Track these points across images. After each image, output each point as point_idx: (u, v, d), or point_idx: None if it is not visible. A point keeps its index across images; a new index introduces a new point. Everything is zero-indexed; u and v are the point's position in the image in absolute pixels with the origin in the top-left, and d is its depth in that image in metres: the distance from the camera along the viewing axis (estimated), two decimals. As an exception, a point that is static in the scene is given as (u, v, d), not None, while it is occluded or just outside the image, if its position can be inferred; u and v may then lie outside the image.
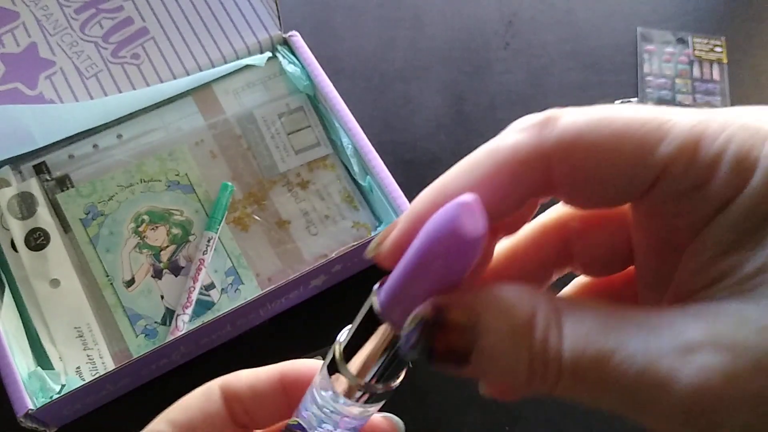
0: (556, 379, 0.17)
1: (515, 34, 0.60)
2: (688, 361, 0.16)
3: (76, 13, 0.52)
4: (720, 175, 0.17)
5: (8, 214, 0.46)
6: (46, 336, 0.44)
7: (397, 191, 0.46)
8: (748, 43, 0.60)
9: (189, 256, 0.47)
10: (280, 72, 0.52)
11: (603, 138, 0.18)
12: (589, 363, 0.16)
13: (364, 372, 0.20)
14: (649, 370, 0.16)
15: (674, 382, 0.16)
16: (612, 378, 0.16)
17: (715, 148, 0.17)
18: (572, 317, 0.17)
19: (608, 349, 0.16)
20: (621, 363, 0.16)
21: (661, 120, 0.17)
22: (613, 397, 0.17)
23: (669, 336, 0.16)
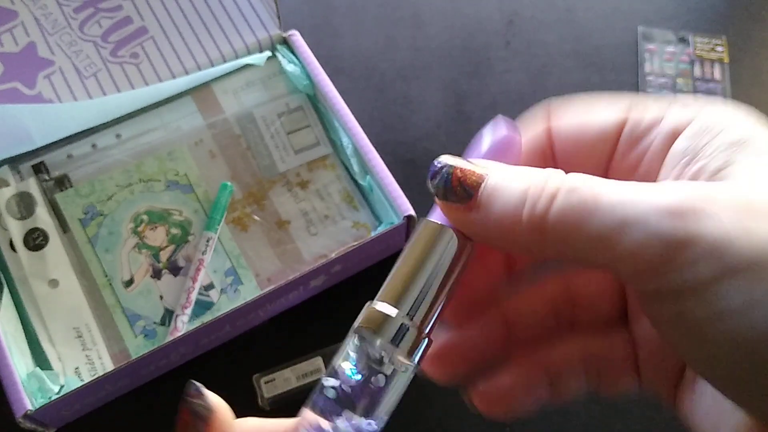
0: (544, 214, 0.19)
1: (515, 33, 0.60)
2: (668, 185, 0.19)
3: (75, 12, 0.52)
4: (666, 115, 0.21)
5: (7, 214, 0.46)
6: (44, 336, 0.44)
7: (397, 191, 0.45)
8: (750, 43, 0.60)
9: (188, 256, 0.47)
10: (279, 71, 0.52)
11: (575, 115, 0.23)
12: (586, 192, 0.19)
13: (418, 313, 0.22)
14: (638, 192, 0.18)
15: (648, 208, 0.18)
16: (601, 207, 0.18)
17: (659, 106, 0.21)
18: (565, 176, 0.20)
19: (601, 185, 0.19)
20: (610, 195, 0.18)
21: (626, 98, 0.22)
22: (593, 232, 0.18)
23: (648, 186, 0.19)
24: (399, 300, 0.22)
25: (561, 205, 0.19)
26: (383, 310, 0.22)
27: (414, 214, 0.45)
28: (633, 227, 0.18)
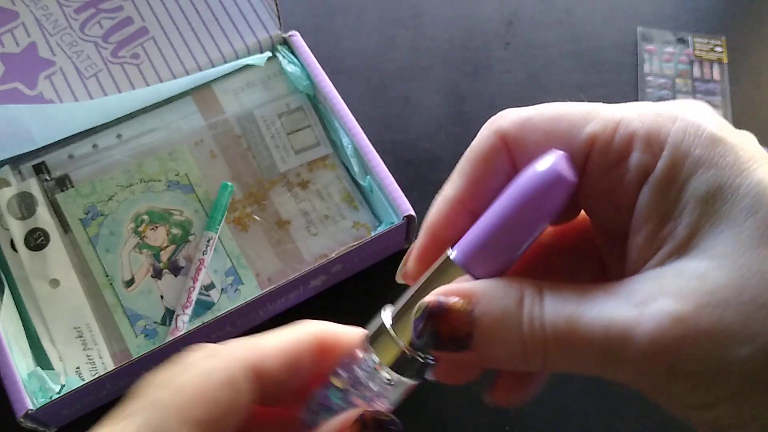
0: (544, 350, 0.20)
1: (515, 33, 0.60)
2: (642, 312, 0.18)
3: (76, 12, 0.52)
4: (635, 148, 0.20)
5: (8, 214, 0.46)
6: (45, 336, 0.44)
7: (397, 191, 0.46)
8: (749, 43, 0.60)
9: (189, 256, 0.47)
10: (280, 72, 0.52)
11: (541, 123, 0.22)
12: (564, 328, 0.19)
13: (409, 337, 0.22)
14: (611, 325, 0.19)
15: (633, 331, 0.18)
16: (584, 338, 0.19)
17: (632, 125, 0.21)
18: (551, 294, 0.20)
19: (578, 313, 0.19)
20: (588, 323, 0.19)
21: (589, 108, 0.22)
22: (590, 358, 0.19)
23: (626, 295, 0.19)
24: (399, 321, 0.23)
25: (554, 337, 0.20)
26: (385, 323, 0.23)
27: (414, 214, 0.45)
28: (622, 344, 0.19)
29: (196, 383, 0.21)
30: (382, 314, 0.23)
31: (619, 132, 0.21)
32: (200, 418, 0.21)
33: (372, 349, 0.23)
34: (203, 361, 0.22)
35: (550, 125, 0.22)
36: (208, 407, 0.21)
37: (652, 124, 0.20)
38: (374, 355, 0.23)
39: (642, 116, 0.21)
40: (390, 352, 0.22)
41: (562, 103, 0.22)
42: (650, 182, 0.20)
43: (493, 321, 0.20)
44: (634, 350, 0.18)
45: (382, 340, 0.23)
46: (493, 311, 0.20)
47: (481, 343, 0.21)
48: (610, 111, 0.21)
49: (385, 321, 0.23)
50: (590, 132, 0.21)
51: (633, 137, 0.20)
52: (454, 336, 0.21)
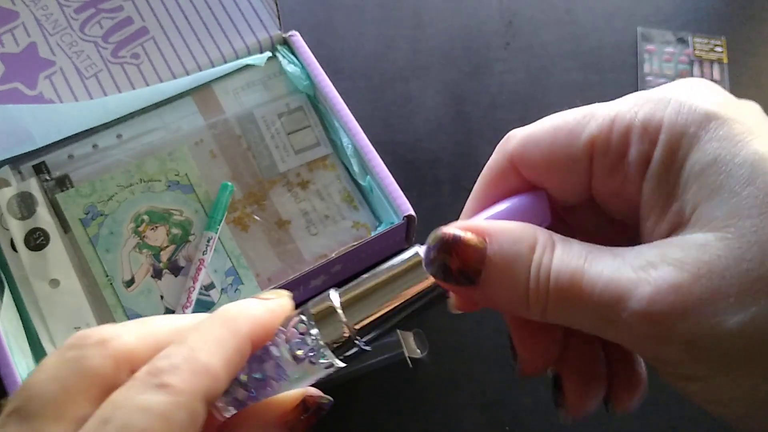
0: (545, 299, 0.20)
1: (515, 34, 0.60)
2: (642, 276, 0.19)
3: (76, 12, 0.52)
4: (633, 140, 0.21)
5: (8, 214, 0.46)
6: (45, 336, 0.44)
7: (397, 191, 0.46)
8: (749, 43, 0.60)
9: (189, 256, 0.47)
10: (280, 72, 0.52)
11: (542, 136, 0.23)
12: (566, 281, 0.20)
13: (358, 324, 0.23)
14: (611, 284, 0.19)
15: (631, 293, 0.19)
16: (584, 294, 0.19)
17: (626, 119, 0.21)
18: (562, 247, 0.21)
19: (582, 268, 0.20)
20: (590, 279, 0.19)
21: (585, 112, 0.22)
22: (587, 314, 0.20)
23: (630, 257, 0.20)
24: (351, 304, 0.23)
25: (556, 288, 0.20)
26: (334, 304, 0.23)
27: (414, 214, 0.45)
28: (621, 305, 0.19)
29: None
30: (331, 295, 0.24)
31: (615, 129, 0.21)
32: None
33: (314, 326, 0.23)
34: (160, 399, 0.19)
35: (550, 137, 0.22)
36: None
37: (646, 113, 0.21)
38: (316, 330, 0.23)
39: (635, 106, 0.21)
40: (332, 332, 0.23)
41: (561, 113, 0.23)
42: (651, 170, 0.20)
43: (504, 262, 0.21)
44: (628, 312, 0.19)
45: (327, 320, 0.23)
46: (505, 252, 0.21)
47: (488, 282, 0.21)
48: (605, 110, 0.22)
49: (334, 301, 0.23)
50: (588, 136, 0.21)
51: (629, 130, 0.21)
52: (464, 270, 0.21)
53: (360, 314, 0.23)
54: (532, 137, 0.23)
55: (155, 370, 0.19)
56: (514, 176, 0.24)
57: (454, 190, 0.53)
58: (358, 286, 0.24)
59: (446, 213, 0.52)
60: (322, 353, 0.23)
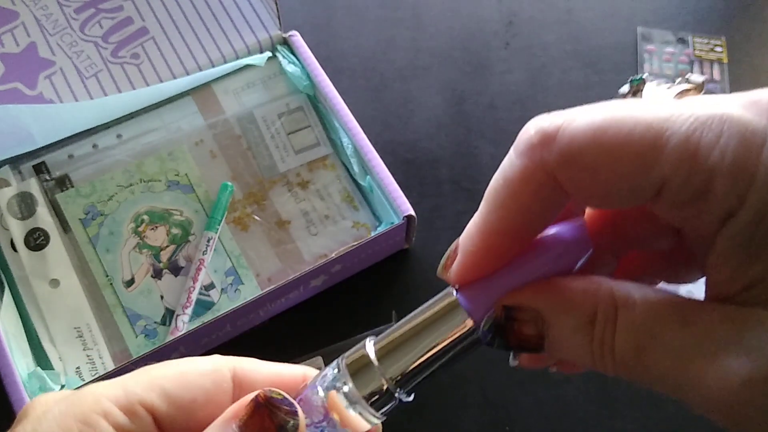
0: (613, 368, 0.19)
1: (515, 34, 0.60)
2: (712, 365, 0.17)
3: (76, 12, 0.52)
4: (719, 185, 0.17)
5: (8, 214, 0.46)
6: (45, 336, 0.44)
7: (397, 191, 0.46)
8: (749, 43, 0.60)
9: (189, 256, 0.47)
10: (280, 72, 0.52)
11: (602, 158, 0.18)
12: (631, 359, 0.19)
13: (396, 374, 0.22)
14: (680, 368, 0.18)
15: (701, 384, 0.17)
16: (652, 371, 0.19)
17: (711, 160, 0.17)
18: (625, 317, 0.19)
19: (649, 346, 0.18)
20: (657, 360, 0.18)
21: (657, 130, 0.18)
22: (657, 386, 0.19)
23: (700, 334, 0.18)
24: (387, 355, 0.22)
25: (623, 364, 0.19)
26: (369, 355, 0.22)
27: (414, 214, 0.45)
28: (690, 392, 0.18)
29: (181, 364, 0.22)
30: (366, 346, 0.23)
31: (695, 171, 0.17)
32: (171, 392, 0.21)
33: (349, 378, 0.22)
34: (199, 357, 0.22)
35: (611, 161, 0.18)
36: (183, 386, 0.21)
37: (735, 156, 0.17)
38: (351, 385, 0.22)
39: (723, 145, 0.17)
40: (368, 385, 0.22)
41: (615, 117, 0.18)
42: (735, 223, 0.18)
43: (563, 336, 0.20)
44: (700, 397, 0.18)
45: (362, 372, 0.22)
46: (563, 326, 0.20)
47: (552, 350, 0.20)
48: (683, 134, 0.18)
49: (370, 353, 0.22)
50: (660, 176, 0.18)
51: (713, 176, 0.17)
52: (524, 345, 0.21)
53: (397, 364, 0.22)
54: (585, 158, 0.19)
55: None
56: (554, 193, 0.20)
57: (454, 190, 0.53)
58: (393, 333, 0.23)
59: (446, 213, 0.52)
60: (360, 410, 0.22)
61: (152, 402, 0.21)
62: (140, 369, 0.21)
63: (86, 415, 0.20)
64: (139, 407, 0.21)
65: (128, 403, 0.21)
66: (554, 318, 0.20)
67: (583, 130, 0.19)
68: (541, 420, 0.45)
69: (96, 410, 0.20)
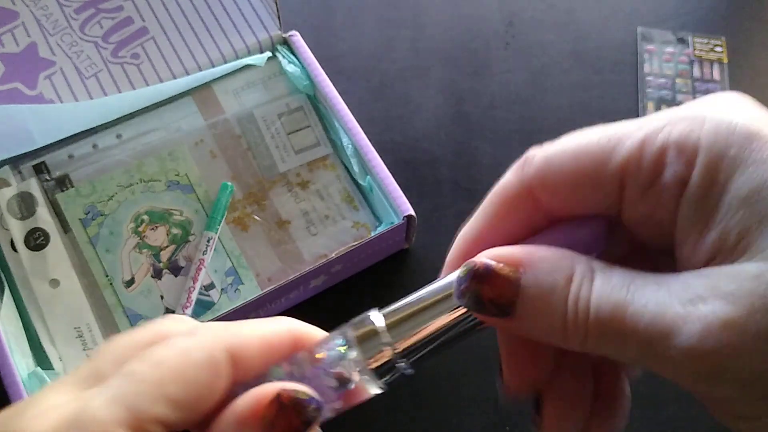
0: (585, 331, 0.19)
1: (515, 34, 0.60)
2: (690, 311, 0.18)
3: (76, 12, 0.52)
4: (668, 162, 0.19)
5: (8, 214, 0.46)
6: (45, 336, 0.44)
7: (397, 191, 0.46)
8: (749, 43, 0.60)
9: (189, 256, 0.47)
10: (280, 72, 0.52)
11: (565, 163, 0.21)
12: (608, 314, 0.19)
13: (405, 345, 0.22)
14: (657, 319, 0.18)
15: (679, 329, 0.18)
16: (627, 328, 0.18)
17: (658, 141, 0.20)
18: (602, 276, 0.20)
19: (625, 301, 0.19)
20: (634, 313, 0.18)
21: (610, 134, 0.21)
22: (630, 347, 0.19)
23: (677, 288, 0.18)
24: (396, 324, 0.22)
25: (597, 321, 0.19)
26: (376, 324, 0.22)
27: (414, 214, 0.45)
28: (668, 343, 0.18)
29: (175, 360, 0.20)
30: (372, 316, 0.23)
31: (647, 150, 0.20)
32: (176, 397, 0.20)
33: (356, 347, 0.22)
34: (184, 338, 0.21)
35: (574, 163, 0.21)
36: (186, 387, 0.20)
37: (680, 133, 0.19)
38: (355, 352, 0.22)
39: (668, 125, 0.20)
40: (375, 355, 0.22)
41: (583, 133, 0.21)
42: (688, 193, 0.19)
43: (539, 294, 0.20)
44: (676, 349, 0.18)
45: (370, 341, 0.22)
46: (540, 283, 0.20)
47: (523, 314, 0.20)
48: (633, 130, 0.20)
49: (377, 322, 0.22)
50: (618, 163, 0.20)
51: (663, 152, 0.19)
52: (497, 302, 0.20)
53: (403, 336, 0.22)
54: (554, 163, 0.21)
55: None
56: (531, 203, 0.22)
57: (454, 190, 0.53)
58: (402, 304, 0.23)
59: (446, 213, 0.52)
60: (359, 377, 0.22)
61: (160, 415, 0.20)
62: (130, 372, 0.20)
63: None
64: (150, 425, 0.20)
65: (137, 423, 0.19)
66: (532, 275, 0.20)
67: (554, 147, 0.21)
68: (541, 420, 0.45)
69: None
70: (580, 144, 0.21)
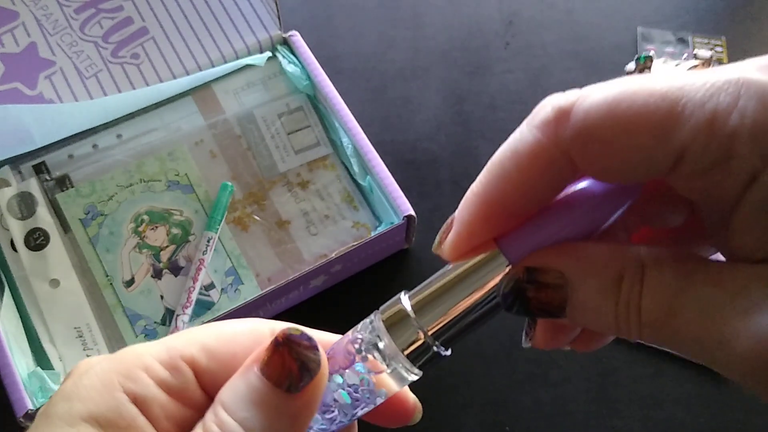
0: (638, 331, 0.19)
1: (515, 34, 0.60)
2: (746, 323, 0.17)
3: (76, 12, 0.52)
4: (740, 148, 0.17)
5: (8, 214, 0.46)
6: (45, 336, 0.44)
7: (397, 191, 0.46)
8: (748, 43, 0.60)
9: (189, 256, 0.47)
10: (280, 72, 0.52)
11: (618, 131, 0.18)
12: (659, 320, 0.18)
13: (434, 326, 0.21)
14: (712, 327, 0.17)
15: (734, 341, 0.17)
16: (681, 332, 0.18)
17: (731, 123, 0.17)
18: (653, 277, 0.18)
19: (678, 305, 0.18)
20: (685, 320, 0.18)
21: (672, 99, 0.17)
22: (684, 348, 0.18)
23: (732, 292, 0.17)
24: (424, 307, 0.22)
25: (650, 323, 0.18)
26: (406, 308, 0.22)
27: (414, 214, 0.45)
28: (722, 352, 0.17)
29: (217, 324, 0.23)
30: (402, 299, 0.22)
31: (715, 136, 0.17)
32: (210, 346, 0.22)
33: (385, 333, 0.22)
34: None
35: (626, 134, 0.18)
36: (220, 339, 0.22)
37: (755, 118, 0.17)
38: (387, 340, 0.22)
39: (741, 107, 0.17)
40: (406, 338, 0.21)
41: (633, 90, 0.18)
42: (760, 185, 0.17)
43: (588, 299, 0.19)
44: (732, 358, 0.17)
45: (399, 325, 0.22)
46: (588, 288, 0.19)
47: (574, 315, 0.20)
48: (699, 101, 0.17)
49: (406, 305, 0.22)
50: (680, 142, 0.17)
51: (734, 140, 0.17)
52: (547, 309, 0.20)
53: (435, 315, 0.21)
54: (600, 128, 0.18)
55: None
56: (564, 164, 0.19)
57: (454, 190, 0.53)
58: (428, 285, 0.22)
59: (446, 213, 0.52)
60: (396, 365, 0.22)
61: (193, 356, 0.21)
62: (180, 331, 0.22)
63: (128, 370, 0.20)
64: (181, 362, 0.21)
65: (169, 358, 0.21)
66: (579, 279, 0.19)
67: (597, 105, 0.18)
68: (541, 420, 0.45)
69: (137, 365, 0.21)
70: (633, 107, 0.18)
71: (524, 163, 0.20)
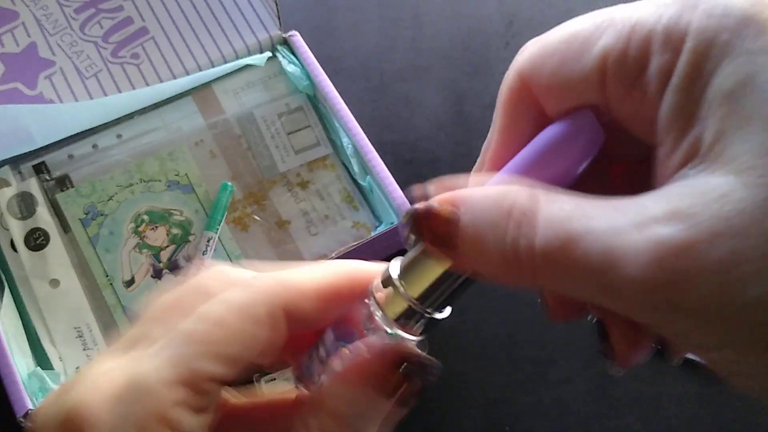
0: (531, 270, 0.17)
1: (515, 34, 0.60)
2: (644, 235, 0.15)
3: (76, 12, 0.52)
4: (654, 50, 0.17)
5: (8, 214, 0.46)
6: (45, 336, 0.44)
7: (397, 191, 0.46)
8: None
9: (189, 256, 0.47)
10: (280, 72, 0.52)
11: (554, 47, 0.20)
12: (558, 249, 0.16)
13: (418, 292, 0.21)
14: (609, 248, 0.16)
15: (628, 257, 0.15)
16: (580, 262, 0.16)
17: (647, 25, 0.17)
18: (548, 208, 0.17)
19: (576, 233, 0.16)
20: (586, 246, 0.16)
21: (604, 17, 0.19)
22: (584, 283, 0.16)
23: (632, 211, 0.16)
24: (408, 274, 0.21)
25: (545, 257, 0.17)
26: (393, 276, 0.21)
27: (414, 214, 0.45)
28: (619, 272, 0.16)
29: (232, 319, 0.19)
30: (391, 266, 0.22)
31: (634, 37, 0.17)
32: (234, 356, 0.19)
33: (375, 301, 0.21)
34: (237, 293, 0.20)
35: (562, 48, 0.19)
36: (243, 346, 0.19)
37: (670, 16, 0.17)
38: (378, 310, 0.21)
39: (660, 8, 0.17)
40: (396, 305, 0.21)
41: (579, 18, 0.19)
42: (671, 84, 0.17)
43: (476, 232, 0.18)
44: (627, 280, 0.15)
45: (390, 294, 0.21)
46: (477, 221, 0.18)
47: (465, 252, 0.18)
48: (625, 14, 0.18)
49: (393, 272, 0.21)
50: (602, 48, 0.18)
51: (650, 39, 0.17)
52: (438, 238, 0.19)
53: (418, 281, 0.21)
54: (544, 49, 0.20)
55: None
56: (527, 96, 0.20)
57: (454, 190, 0.53)
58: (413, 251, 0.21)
59: (446, 213, 0.52)
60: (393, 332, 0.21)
61: (217, 374, 0.19)
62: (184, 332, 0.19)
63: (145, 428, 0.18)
64: (208, 383, 0.19)
65: (194, 383, 0.19)
66: (468, 213, 0.18)
67: (549, 34, 0.20)
68: (541, 420, 0.45)
69: (154, 415, 0.18)
70: (571, 29, 0.19)
71: (502, 103, 0.21)
